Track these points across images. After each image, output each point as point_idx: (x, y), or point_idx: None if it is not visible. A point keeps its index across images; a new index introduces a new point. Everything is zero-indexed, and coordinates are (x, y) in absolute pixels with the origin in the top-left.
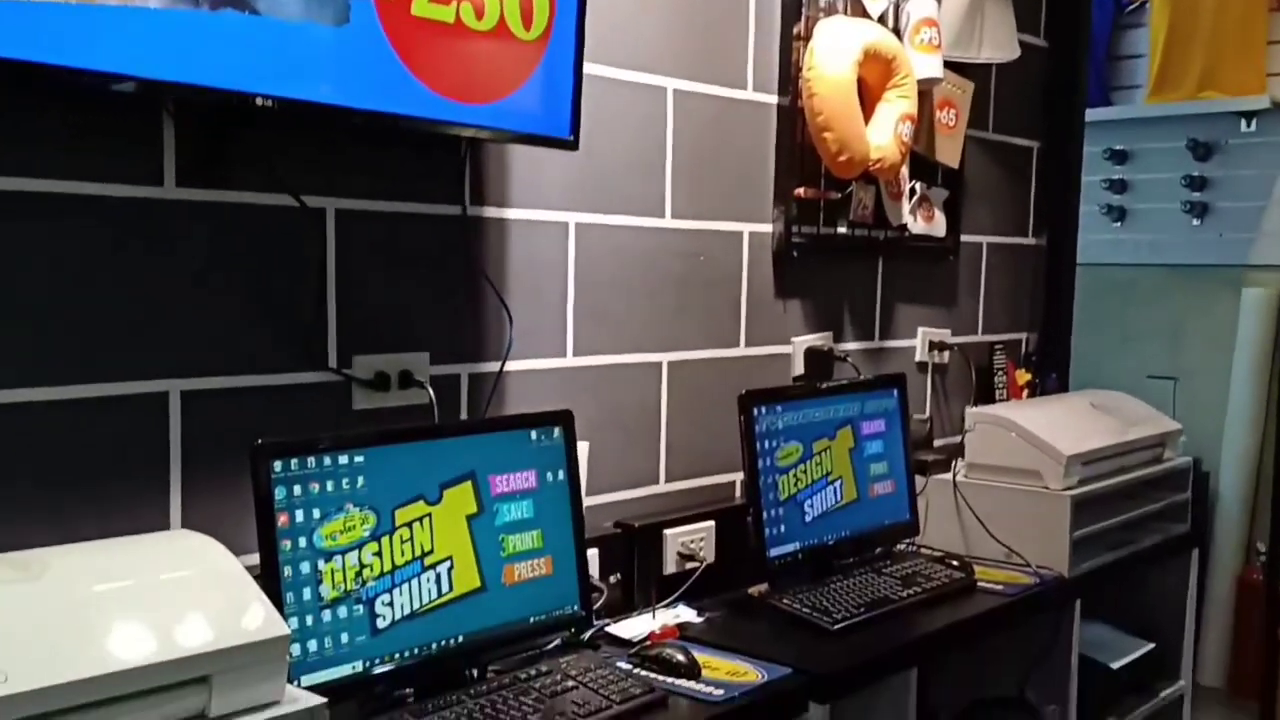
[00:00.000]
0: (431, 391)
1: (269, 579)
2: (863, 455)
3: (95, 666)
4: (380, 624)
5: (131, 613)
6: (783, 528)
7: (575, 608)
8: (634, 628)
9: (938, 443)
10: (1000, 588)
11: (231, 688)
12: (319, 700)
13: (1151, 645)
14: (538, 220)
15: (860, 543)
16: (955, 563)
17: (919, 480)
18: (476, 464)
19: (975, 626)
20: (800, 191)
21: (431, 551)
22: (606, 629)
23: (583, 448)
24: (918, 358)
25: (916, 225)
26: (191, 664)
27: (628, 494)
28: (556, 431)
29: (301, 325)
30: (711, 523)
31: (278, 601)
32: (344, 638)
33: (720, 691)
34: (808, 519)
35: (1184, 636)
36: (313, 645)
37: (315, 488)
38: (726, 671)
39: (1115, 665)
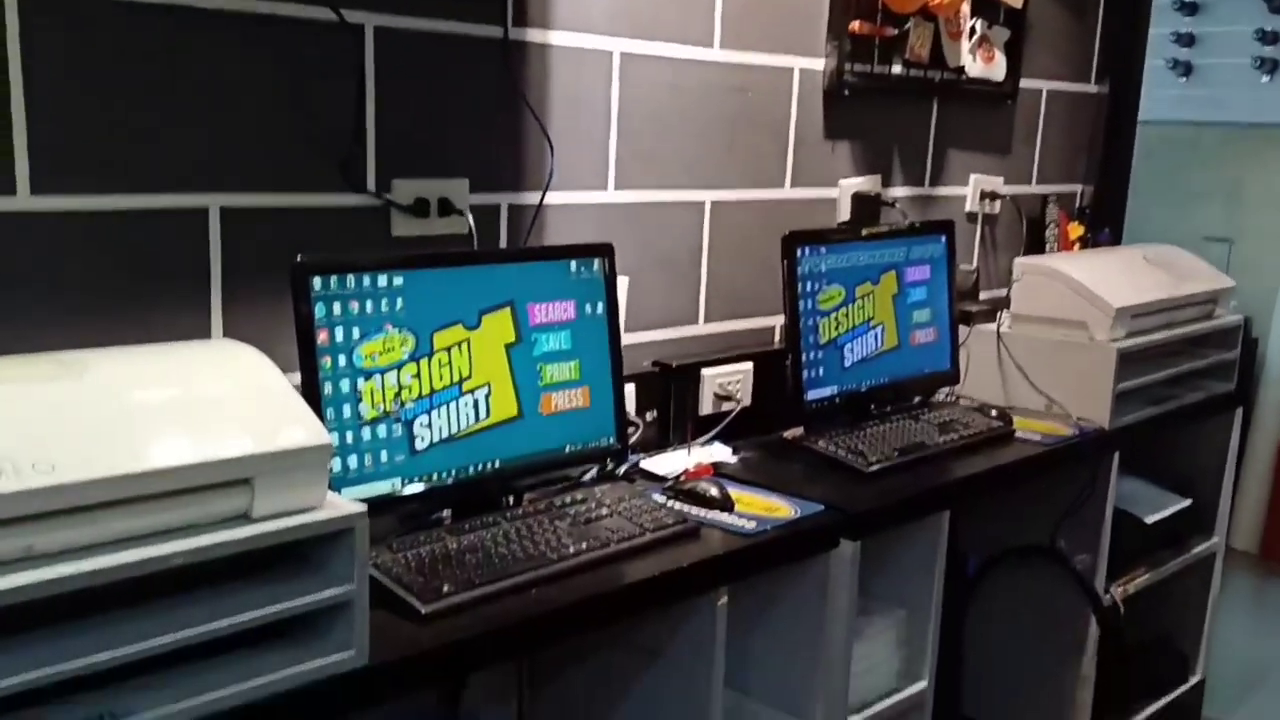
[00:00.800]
0: (471, 220)
1: (310, 394)
2: (906, 302)
3: (142, 462)
4: (419, 445)
5: (177, 413)
6: (821, 371)
7: (611, 440)
8: (669, 464)
9: (984, 295)
10: (1038, 437)
11: (274, 490)
12: (360, 507)
13: (1188, 502)
14: (581, 47)
15: (899, 389)
16: (994, 412)
17: (962, 330)
18: (515, 292)
19: (1010, 473)
20: (855, 26)
21: (470, 377)
22: (641, 464)
23: (622, 282)
24: (968, 207)
25: (975, 67)
26: (235, 465)
27: (666, 333)
28: (596, 264)
29: (341, 146)
30: (749, 365)
31: (319, 416)
32: (383, 456)
33: (753, 524)
34: (847, 364)
35: (1220, 495)
36: (353, 461)
37: (355, 307)
38: (760, 507)
39: (1149, 519)
